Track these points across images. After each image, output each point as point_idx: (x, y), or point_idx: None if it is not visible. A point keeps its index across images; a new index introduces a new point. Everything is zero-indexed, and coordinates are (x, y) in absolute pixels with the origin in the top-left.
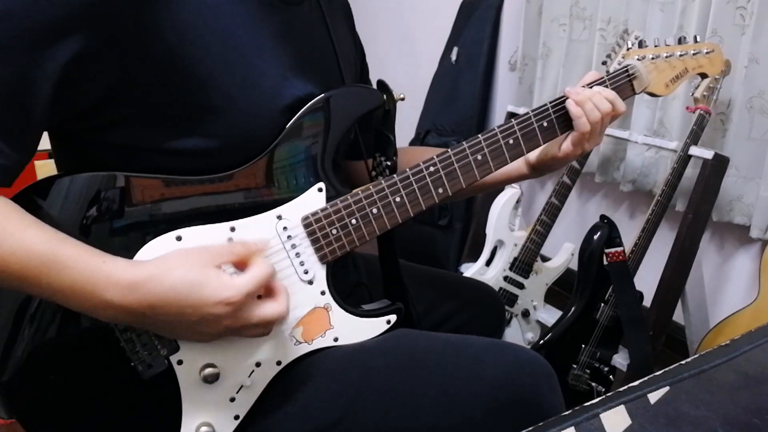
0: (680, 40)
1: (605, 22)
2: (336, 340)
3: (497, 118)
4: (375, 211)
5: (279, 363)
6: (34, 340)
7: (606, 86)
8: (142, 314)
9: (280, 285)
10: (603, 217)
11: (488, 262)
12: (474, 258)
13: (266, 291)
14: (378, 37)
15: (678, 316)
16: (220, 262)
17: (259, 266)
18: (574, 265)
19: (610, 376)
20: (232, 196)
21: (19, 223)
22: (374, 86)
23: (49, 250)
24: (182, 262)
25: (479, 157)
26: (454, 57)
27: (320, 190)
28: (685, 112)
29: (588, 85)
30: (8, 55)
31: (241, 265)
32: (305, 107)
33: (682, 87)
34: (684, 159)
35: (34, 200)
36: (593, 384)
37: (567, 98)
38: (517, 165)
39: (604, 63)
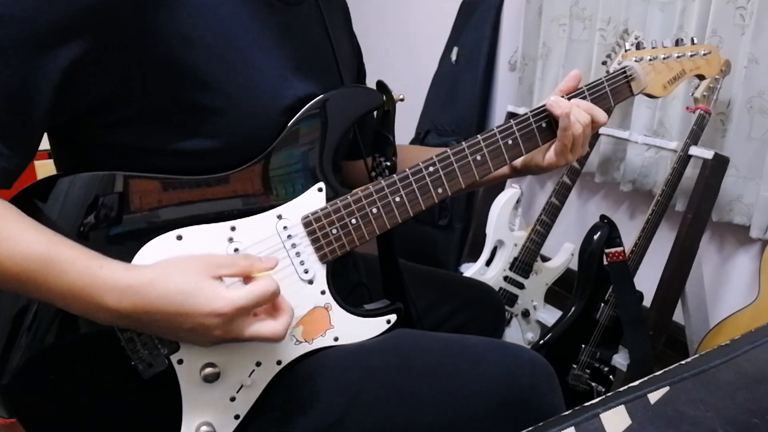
0: (677, 42)
1: (605, 22)
2: (336, 339)
3: (497, 118)
4: (375, 210)
5: (279, 362)
6: (34, 339)
7: (584, 97)
8: (138, 319)
9: (286, 305)
10: (603, 217)
11: (488, 262)
12: (474, 258)
13: (272, 307)
14: (378, 37)
15: (678, 316)
16: (219, 274)
17: (260, 283)
18: (574, 265)
19: (610, 376)
20: (232, 196)
21: (17, 225)
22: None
23: (47, 254)
24: (180, 270)
25: (478, 158)
26: (454, 57)
27: (320, 189)
28: (685, 112)
29: (567, 96)
30: (9, 58)
31: (247, 279)
32: (305, 108)
33: (682, 87)
34: (684, 159)
35: (34, 200)
36: (593, 384)
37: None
38: None
39: (604, 63)
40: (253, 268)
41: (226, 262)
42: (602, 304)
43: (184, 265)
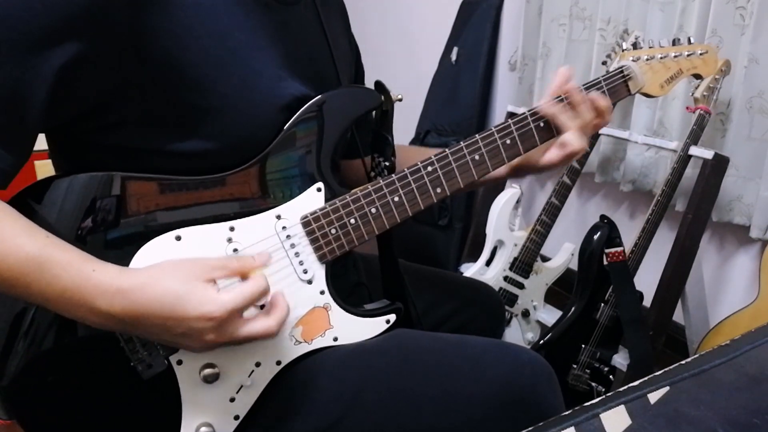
0: (674, 42)
1: (605, 22)
2: (336, 339)
3: (497, 118)
4: (374, 210)
5: (279, 363)
6: (34, 340)
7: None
8: (129, 323)
9: (280, 301)
10: (603, 217)
11: (488, 262)
12: (474, 258)
13: (268, 305)
14: (378, 37)
15: (678, 316)
16: (212, 276)
17: (249, 284)
18: (574, 265)
19: (610, 376)
20: (231, 197)
21: (12, 227)
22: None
23: (40, 257)
24: (172, 273)
25: (477, 157)
26: (454, 57)
27: (319, 189)
28: (685, 112)
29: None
30: (4, 59)
31: (244, 278)
32: (303, 108)
33: (682, 87)
34: (684, 159)
35: (32, 202)
36: (593, 384)
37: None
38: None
39: (604, 63)
40: (246, 267)
41: (218, 264)
42: (602, 304)
43: (176, 269)
